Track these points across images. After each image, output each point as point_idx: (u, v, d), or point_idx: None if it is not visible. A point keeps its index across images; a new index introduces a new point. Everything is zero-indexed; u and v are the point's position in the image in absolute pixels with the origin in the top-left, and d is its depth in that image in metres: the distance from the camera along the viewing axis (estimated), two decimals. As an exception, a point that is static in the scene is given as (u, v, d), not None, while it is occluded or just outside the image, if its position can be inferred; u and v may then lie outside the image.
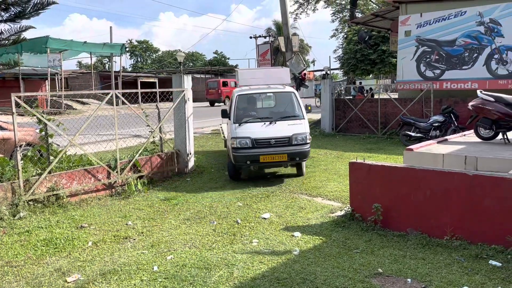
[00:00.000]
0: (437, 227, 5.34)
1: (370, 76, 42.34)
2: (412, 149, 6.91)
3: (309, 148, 8.89)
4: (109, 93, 8.41)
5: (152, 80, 46.14)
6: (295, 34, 20.86)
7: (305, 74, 18.73)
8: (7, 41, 6.64)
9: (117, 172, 8.27)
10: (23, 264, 5.04)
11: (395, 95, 18.66)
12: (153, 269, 4.78)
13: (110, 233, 6.02)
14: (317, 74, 64.54)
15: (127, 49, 78.82)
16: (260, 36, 40.08)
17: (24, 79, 30.32)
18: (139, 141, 12.22)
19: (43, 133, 7.50)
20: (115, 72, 36.54)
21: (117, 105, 8.48)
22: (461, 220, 5.19)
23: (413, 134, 13.22)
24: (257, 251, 5.22)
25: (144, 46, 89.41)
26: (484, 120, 7.79)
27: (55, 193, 7.23)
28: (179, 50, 78.07)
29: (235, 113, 9.08)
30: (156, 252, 5.28)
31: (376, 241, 5.43)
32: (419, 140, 12.59)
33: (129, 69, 77.48)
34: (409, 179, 5.60)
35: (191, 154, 10.10)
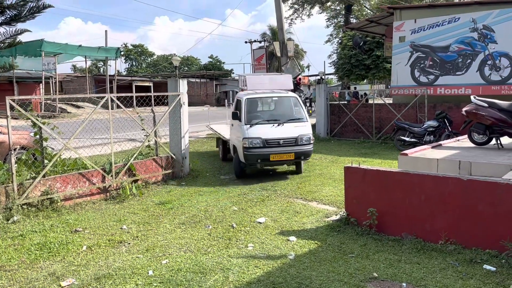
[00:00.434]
0: (431, 231, 5.36)
1: (365, 81, 42.54)
2: (406, 154, 6.95)
3: (312, 148, 9.82)
4: (104, 96, 8.40)
5: (147, 84, 46.05)
6: (290, 39, 20.99)
7: (300, 79, 18.82)
8: (2, 44, 6.62)
9: (112, 176, 8.23)
10: (16, 268, 5.00)
11: (389, 100, 18.78)
12: (148, 273, 4.76)
13: (105, 237, 5.99)
14: (312, 79, 64.76)
15: (122, 53, 78.67)
16: (255, 41, 40.13)
17: (18, 83, 30.18)
18: (134, 145, 12.19)
19: (37, 136, 7.47)
20: (110, 76, 36.47)
21: (112, 109, 8.46)
22: (456, 225, 5.22)
23: (407, 139, 13.29)
24: (253, 256, 5.22)
25: (139, 50, 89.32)
26: (478, 126, 7.85)
27: (49, 197, 7.19)
28: (174, 54, 77.78)
29: (245, 115, 9.71)
30: (151, 257, 5.26)
31: (371, 246, 5.44)
32: (413, 145, 12.66)
33: (124, 73, 77.22)
34: (403, 183, 5.62)
35: (186, 158, 10.09)
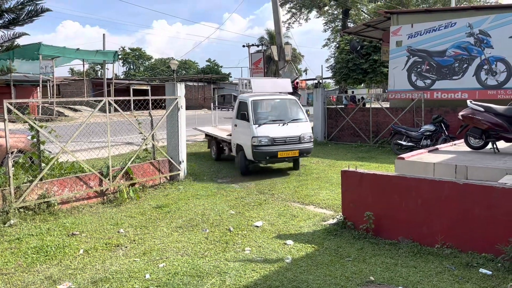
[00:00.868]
0: (428, 235, 5.39)
1: (362, 85, 42.63)
2: (403, 158, 6.98)
3: (313, 145, 10.94)
4: (101, 100, 8.40)
5: (144, 87, 46.08)
6: (287, 43, 21.08)
7: (297, 83, 18.87)
8: (0, 48, 6.62)
9: (109, 179, 8.23)
10: (13, 272, 4.99)
11: (386, 105, 18.84)
12: (145, 277, 4.76)
13: (102, 240, 5.99)
14: (309, 83, 64.88)
15: (120, 56, 78.56)
16: (253, 45, 40.23)
17: (16, 86, 30.14)
18: (131, 148, 12.19)
19: (34, 140, 7.46)
20: (107, 79, 36.45)
21: (109, 112, 8.46)
22: (452, 229, 5.24)
23: (404, 143, 13.33)
24: (250, 259, 5.22)
25: (137, 53, 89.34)
26: (474, 130, 7.89)
27: (46, 200, 7.18)
28: (172, 58, 77.99)
29: (253, 116, 10.54)
30: (148, 260, 5.26)
31: (368, 249, 5.46)
32: (410, 149, 12.71)
33: (122, 77, 77.11)
34: (400, 187, 5.65)
35: (183, 161, 10.10)
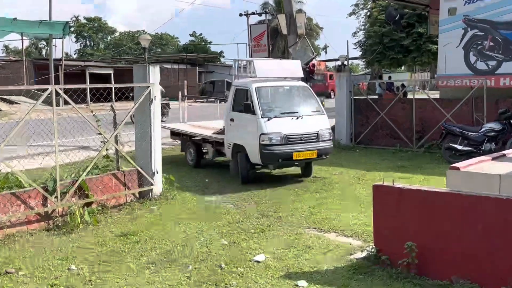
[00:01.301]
0: (492, 275, 5.36)
1: (402, 68, 42.76)
2: (458, 168, 6.94)
3: (332, 145, 11.63)
4: (47, 89, 8.39)
5: (106, 71, 46.18)
6: (300, 11, 21.12)
7: (314, 65, 18.87)
8: None
9: (56, 197, 8.21)
10: None
11: (436, 95, 18.82)
12: (104, 331, 4.75)
13: (46, 281, 5.96)
14: (330, 65, 65.05)
15: (72, 29, 78.88)
16: (253, 13, 40.45)
17: None
18: (87, 154, 12.19)
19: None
20: (55, 60, 36.58)
21: (57, 106, 8.46)
22: (525, 265, 5.22)
23: (460, 147, 13.31)
24: (248, 307, 5.21)
25: (96, 25, 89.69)
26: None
27: (-30, 226, 7.18)
28: (143, 32, 78.37)
29: (260, 107, 10.91)
30: (109, 308, 5.25)
31: (410, 294, 5.44)
32: (467, 155, 12.65)
33: (75, 57, 77.42)
34: (454, 208, 5.63)
35: (158, 172, 10.10)
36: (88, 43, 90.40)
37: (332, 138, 11.39)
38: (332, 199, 9.88)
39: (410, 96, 19.52)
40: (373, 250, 6.30)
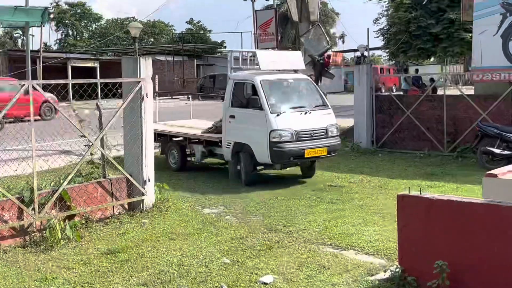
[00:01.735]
0: (536, 298, 5.33)
1: (431, 59, 42.62)
2: (496, 175, 6.91)
3: (340, 141, 12.56)
4: (23, 85, 8.41)
5: (90, 64, 46.36)
6: (314, -6, 21.06)
7: (329, 57, 18.85)
8: None
9: (33, 209, 8.21)
10: None
11: (470, 91, 18.79)
12: None
13: (22, 305, 5.99)
14: (348, 56, 65.07)
15: (52, 16, 79.20)
16: (259, -3, 40.47)
17: None
18: (68, 159, 12.21)
19: None
20: (32, 52, 36.67)
21: (35, 104, 8.48)
22: None
23: (498, 151, 13.25)
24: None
25: (79, 11, 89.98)
26: None
27: None
28: (133, 19, 78.55)
29: (268, 102, 11.49)
30: (93, 337, 5.25)
31: (440, 320, 5.42)
32: (507, 160, 12.61)
33: (55, 48, 77.73)
34: (491, 222, 5.60)
35: (150, 180, 10.11)
36: (70, 32, 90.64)
37: (339, 131, 12.34)
38: (351, 211, 9.85)
39: (440, 92, 19.47)
40: (397, 270, 6.27)
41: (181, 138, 13.84)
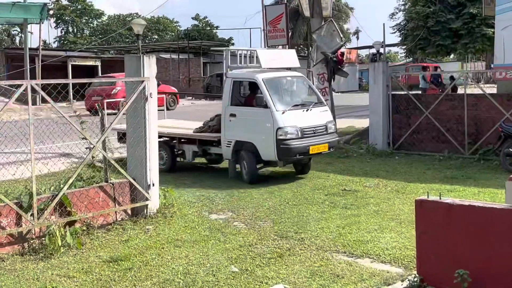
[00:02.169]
0: None
1: (451, 56, 42.55)
2: (520, 179, 6.89)
3: (337, 137, 13.70)
4: (21, 84, 8.43)
5: (91, 63, 46.54)
6: (326, -12, 21.02)
7: (342, 54, 18.81)
8: None
9: (32, 215, 8.23)
10: None
11: (493, 89, 18.68)
12: None
13: (20, 316, 6.00)
14: (363, 53, 64.97)
15: (52, 12, 79.61)
16: (269, -8, 40.45)
17: None
18: (69, 163, 12.25)
19: None
20: (31, 50, 36.84)
21: (34, 104, 8.52)
22: None
23: (522, 153, 13.20)
24: None
25: (80, 7, 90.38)
26: None
27: None
28: (136, 15, 78.89)
29: (272, 99, 12.15)
30: None
31: (461, 333, 5.39)
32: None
33: (55, 45, 78.06)
34: (516, 228, 5.56)
35: (154, 185, 10.12)
36: (70, 29, 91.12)
37: (336, 127, 13.55)
38: (366, 216, 9.83)
39: (460, 91, 19.40)
40: (416, 279, 6.25)
41: (168, 138, 14.14)
